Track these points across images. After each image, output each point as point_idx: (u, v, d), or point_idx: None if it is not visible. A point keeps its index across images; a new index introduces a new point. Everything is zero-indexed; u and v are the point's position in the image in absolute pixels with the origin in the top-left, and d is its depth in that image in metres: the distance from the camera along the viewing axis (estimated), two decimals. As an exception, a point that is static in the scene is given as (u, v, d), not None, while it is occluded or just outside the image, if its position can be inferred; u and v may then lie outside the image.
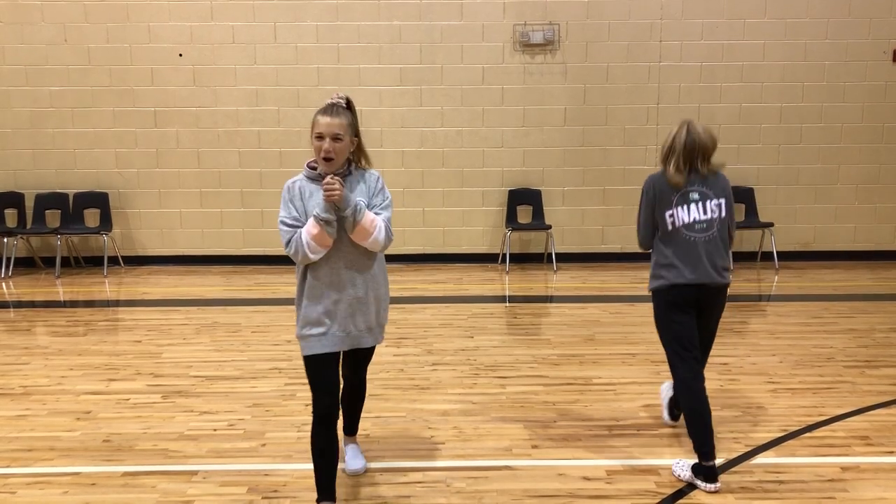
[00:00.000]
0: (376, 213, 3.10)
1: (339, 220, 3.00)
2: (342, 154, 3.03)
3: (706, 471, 3.38)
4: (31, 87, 8.87)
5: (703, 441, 3.39)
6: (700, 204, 3.52)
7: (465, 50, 8.94)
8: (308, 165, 3.14)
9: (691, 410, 3.46)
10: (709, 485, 3.36)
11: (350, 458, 3.62)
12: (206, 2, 8.79)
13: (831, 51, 8.95)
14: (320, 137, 2.98)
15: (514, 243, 9.18)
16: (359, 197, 3.07)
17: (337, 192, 2.91)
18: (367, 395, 3.65)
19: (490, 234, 9.30)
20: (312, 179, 3.09)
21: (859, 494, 3.34)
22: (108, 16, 8.78)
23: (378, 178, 3.20)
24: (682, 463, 3.53)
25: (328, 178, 2.94)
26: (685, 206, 3.51)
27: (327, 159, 2.99)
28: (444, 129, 9.08)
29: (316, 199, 3.02)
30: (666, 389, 4.11)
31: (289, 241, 3.03)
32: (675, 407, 4.03)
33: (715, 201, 3.53)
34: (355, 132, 3.09)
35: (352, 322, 3.12)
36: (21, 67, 8.83)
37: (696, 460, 3.42)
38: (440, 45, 8.92)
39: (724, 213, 3.55)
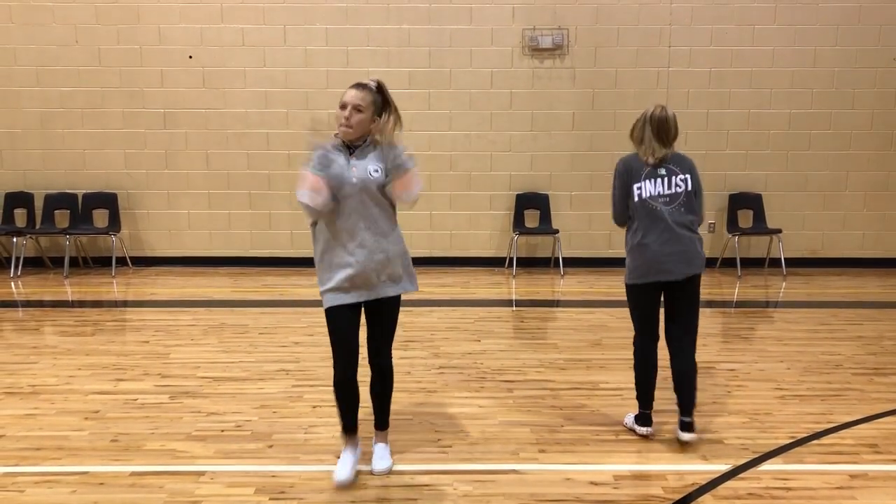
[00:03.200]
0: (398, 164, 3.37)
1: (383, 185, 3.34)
2: (360, 125, 3.31)
3: (642, 418, 4.04)
4: (42, 88, 8.91)
5: (644, 390, 4.02)
6: (666, 179, 3.85)
7: (474, 54, 8.96)
8: (335, 135, 3.40)
9: (640, 367, 4.02)
10: (642, 428, 4.01)
11: (377, 459, 3.65)
12: (217, 4, 8.83)
13: (840, 57, 8.93)
14: (343, 107, 3.29)
15: (521, 247, 9.18)
16: (370, 163, 3.35)
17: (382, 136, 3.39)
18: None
19: (497, 238, 9.30)
20: (337, 147, 3.38)
21: (867, 502, 3.32)
22: (119, 17, 8.83)
23: (398, 148, 3.43)
24: (629, 416, 4.16)
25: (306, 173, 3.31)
26: (652, 180, 3.85)
27: (346, 127, 3.28)
28: (452, 132, 9.08)
29: (337, 165, 3.32)
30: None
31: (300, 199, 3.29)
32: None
33: (680, 177, 3.85)
34: (378, 112, 3.37)
35: (374, 274, 3.36)
36: (32, 68, 8.88)
37: (640, 410, 4.06)
38: (449, 48, 8.94)
39: (689, 187, 3.85)
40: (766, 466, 3.69)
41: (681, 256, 3.79)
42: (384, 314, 3.53)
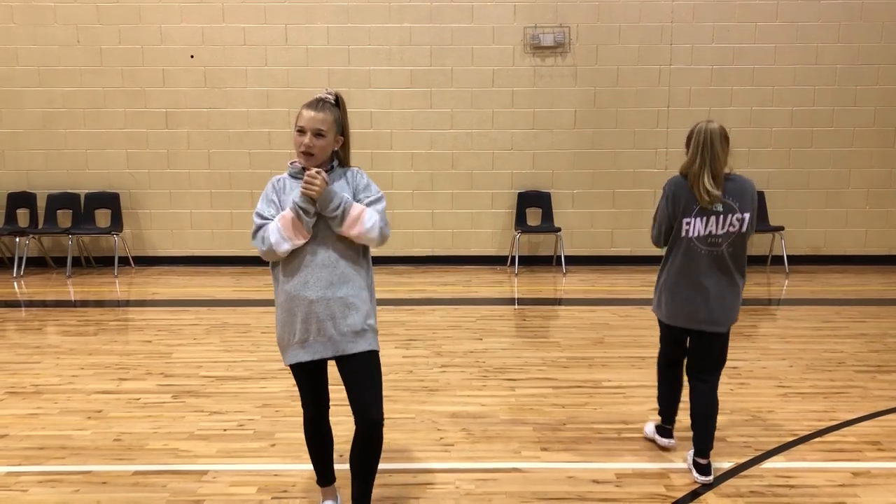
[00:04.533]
0: (370, 198, 2.94)
1: (319, 218, 2.85)
2: (324, 151, 2.87)
3: (662, 431, 3.90)
4: (44, 88, 8.92)
5: (666, 410, 3.88)
6: (722, 217, 3.36)
7: (476, 52, 8.95)
8: (291, 164, 3.01)
9: (663, 389, 3.87)
10: (664, 440, 3.88)
11: None
12: (218, 3, 8.83)
13: (843, 54, 8.91)
14: (301, 131, 2.84)
15: (523, 246, 9.17)
16: (340, 188, 2.91)
17: (316, 188, 2.78)
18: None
19: (499, 237, 9.30)
20: (294, 176, 2.97)
21: (870, 500, 3.32)
22: (121, 17, 8.83)
23: (362, 174, 3.00)
24: (649, 424, 4.02)
25: (312, 171, 2.81)
26: (703, 218, 3.36)
27: (307, 154, 2.85)
28: (453, 131, 9.08)
29: (296, 194, 2.87)
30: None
31: (257, 231, 2.90)
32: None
33: (738, 215, 3.36)
34: (341, 130, 2.93)
35: (333, 326, 2.87)
36: (34, 68, 8.89)
37: (661, 424, 3.92)
38: (450, 47, 8.93)
39: (744, 229, 3.38)
40: (769, 464, 3.69)
41: (710, 312, 3.43)
42: (358, 374, 2.93)
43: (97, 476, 3.58)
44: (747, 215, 3.36)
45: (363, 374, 2.93)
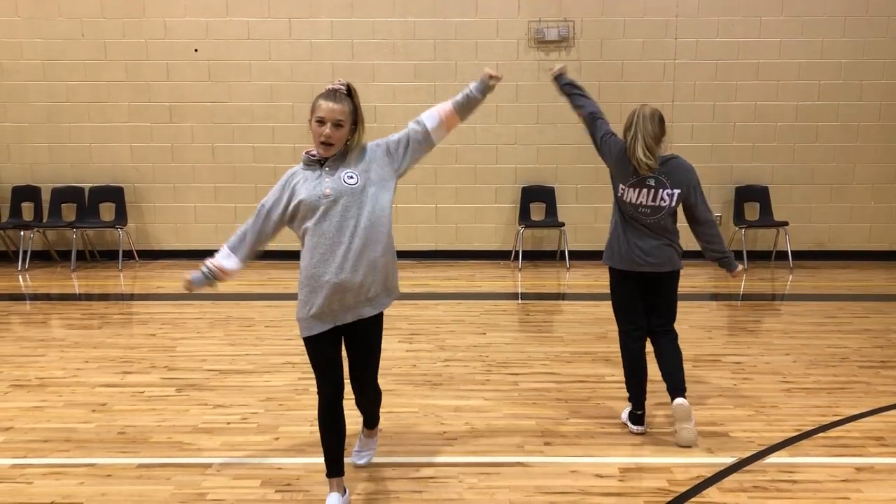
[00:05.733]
0: (403, 133, 3.30)
1: (341, 198, 2.98)
2: (341, 141, 3.04)
3: (634, 418, 4.02)
4: (48, 82, 8.93)
5: (635, 392, 4.01)
6: (653, 191, 3.73)
7: (480, 46, 8.94)
8: (306, 153, 3.13)
9: (627, 367, 4.02)
10: (635, 426, 3.99)
11: (356, 451, 3.63)
12: (222, -3, 8.83)
13: (848, 49, 8.88)
14: (321, 122, 3.00)
15: (526, 240, 9.17)
16: (344, 171, 3.03)
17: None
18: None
19: (503, 231, 9.30)
20: (308, 165, 3.11)
21: (873, 495, 3.32)
22: (125, 11, 8.83)
23: (375, 143, 3.21)
24: (625, 410, 4.13)
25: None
26: (637, 190, 3.75)
27: (326, 144, 3.00)
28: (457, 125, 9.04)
29: (308, 185, 3.02)
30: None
31: (244, 226, 3.25)
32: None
33: (668, 191, 3.72)
34: (355, 119, 3.09)
35: (352, 296, 3.00)
36: (38, 62, 8.89)
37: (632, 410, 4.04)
38: (454, 41, 8.92)
39: (674, 203, 3.73)
40: (772, 459, 3.69)
41: (653, 258, 3.79)
42: (364, 347, 3.16)
43: (101, 469, 3.59)
44: (678, 191, 3.71)
45: (368, 348, 3.17)
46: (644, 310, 3.94)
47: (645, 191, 3.73)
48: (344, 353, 3.18)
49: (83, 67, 8.92)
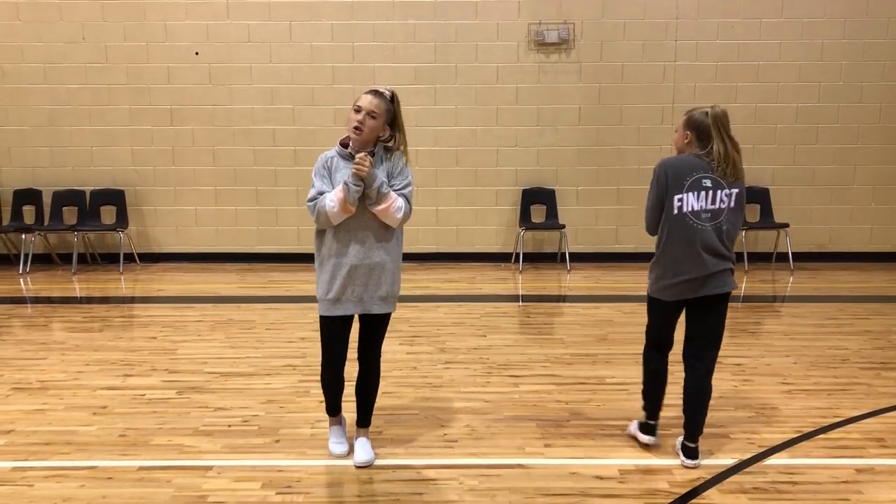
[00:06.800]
0: (397, 193, 3.41)
1: (361, 196, 3.31)
2: (372, 132, 3.34)
3: (646, 427, 3.84)
4: (49, 85, 8.94)
5: (653, 400, 3.81)
6: (711, 192, 3.47)
7: (480, 49, 8.95)
8: (340, 143, 3.44)
9: (649, 374, 3.81)
10: (646, 437, 3.82)
11: (359, 451, 3.66)
12: (222, 0, 8.84)
13: (848, 51, 8.88)
14: (358, 110, 3.32)
15: (527, 243, 9.17)
16: (380, 173, 3.36)
17: (365, 169, 3.24)
18: (379, 391, 3.71)
19: (503, 234, 9.30)
20: (343, 157, 3.41)
21: (874, 496, 3.32)
22: (125, 14, 8.85)
23: (401, 159, 3.48)
24: (633, 423, 3.95)
25: (361, 155, 3.27)
26: (695, 193, 3.46)
27: (357, 129, 3.30)
28: (458, 128, 9.08)
29: (343, 174, 3.34)
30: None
31: (311, 200, 3.35)
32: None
33: (726, 191, 3.48)
34: (391, 120, 3.41)
35: (364, 288, 3.41)
36: (39, 65, 8.91)
37: (645, 420, 3.86)
38: (455, 44, 8.93)
39: (733, 204, 3.50)
40: (772, 461, 3.69)
41: (708, 281, 3.49)
42: (373, 331, 3.61)
43: (102, 471, 3.60)
44: (735, 191, 3.49)
45: (377, 332, 3.59)
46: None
47: (703, 193, 3.45)
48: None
49: (84, 71, 8.93)
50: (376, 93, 3.36)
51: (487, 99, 9.03)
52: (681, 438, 3.71)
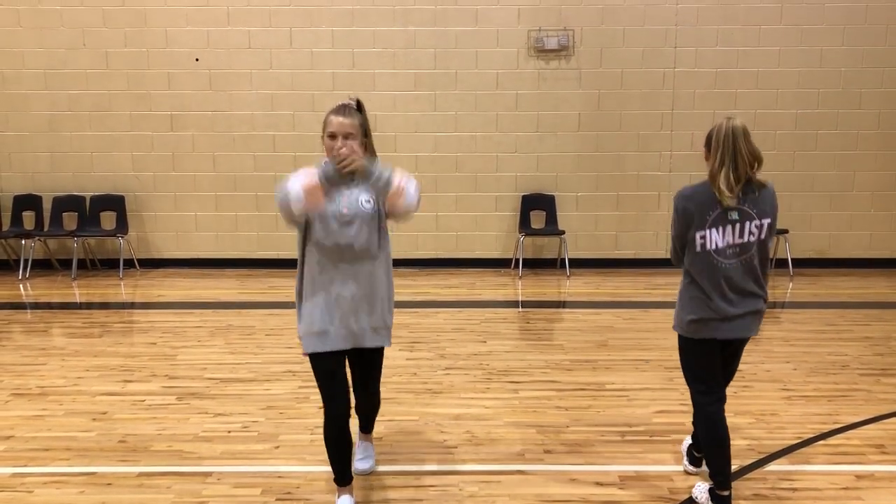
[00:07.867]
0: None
1: (349, 219, 3.06)
2: (357, 153, 3.08)
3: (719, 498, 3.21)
4: (50, 91, 8.96)
5: (719, 469, 3.21)
6: (738, 225, 3.09)
7: (480, 55, 8.96)
8: (325, 162, 3.16)
9: (708, 437, 3.25)
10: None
11: (359, 458, 3.64)
12: (223, 7, 8.86)
13: (847, 57, 8.90)
14: (333, 137, 3.07)
15: (527, 248, 9.18)
16: (361, 193, 3.12)
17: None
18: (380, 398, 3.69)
19: (503, 239, 9.31)
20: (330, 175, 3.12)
21: (874, 503, 3.32)
22: (126, 21, 8.87)
23: (376, 160, 3.19)
24: (701, 486, 3.34)
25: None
26: (719, 228, 3.10)
27: (342, 162, 3.04)
28: (457, 133, 9.09)
29: (329, 166, 3.09)
30: (686, 443, 3.73)
31: (281, 188, 3.07)
32: (694, 452, 3.62)
33: (756, 222, 3.10)
34: (365, 133, 3.16)
35: (354, 319, 3.10)
36: (40, 71, 8.92)
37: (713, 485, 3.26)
38: (455, 50, 8.95)
39: (763, 236, 3.12)
40: (772, 467, 3.69)
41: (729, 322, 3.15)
42: (368, 366, 3.33)
43: (102, 477, 3.60)
44: (766, 221, 3.11)
45: (373, 366, 3.34)
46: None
47: (729, 227, 3.08)
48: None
49: (85, 77, 8.95)
50: (344, 110, 3.08)
51: (487, 105, 9.05)
52: (688, 441, 3.67)
